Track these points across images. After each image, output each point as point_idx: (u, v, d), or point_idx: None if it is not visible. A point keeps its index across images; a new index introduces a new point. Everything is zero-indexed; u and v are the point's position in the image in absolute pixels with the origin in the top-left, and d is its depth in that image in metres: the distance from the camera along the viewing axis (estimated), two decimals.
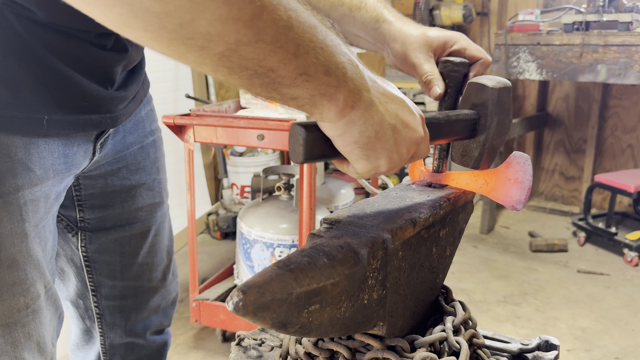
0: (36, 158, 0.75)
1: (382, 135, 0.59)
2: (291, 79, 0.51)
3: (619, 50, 2.78)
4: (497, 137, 0.77)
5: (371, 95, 0.58)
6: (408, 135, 0.62)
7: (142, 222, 1.05)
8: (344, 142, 0.59)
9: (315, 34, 0.52)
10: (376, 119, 0.58)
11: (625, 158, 3.75)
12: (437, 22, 3.83)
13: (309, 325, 0.58)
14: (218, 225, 3.36)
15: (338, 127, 0.57)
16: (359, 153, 0.59)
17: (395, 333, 0.70)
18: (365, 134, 0.58)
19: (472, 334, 0.75)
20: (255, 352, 0.85)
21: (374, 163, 0.61)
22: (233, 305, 0.52)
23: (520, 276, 2.95)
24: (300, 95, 0.53)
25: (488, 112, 0.76)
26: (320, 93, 0.54)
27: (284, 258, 0.60)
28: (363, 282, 0.62)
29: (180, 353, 2.25)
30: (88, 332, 1.11)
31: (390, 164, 0.62)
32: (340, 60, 0.54)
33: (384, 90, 0.61)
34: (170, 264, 1.16)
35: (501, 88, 0.76)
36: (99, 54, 0.77)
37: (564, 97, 3.91)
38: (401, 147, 0.61)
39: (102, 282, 1.06)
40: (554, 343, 0.83)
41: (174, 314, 1.21)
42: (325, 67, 0.53)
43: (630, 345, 2.31)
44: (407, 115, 0.62)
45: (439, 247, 0.78)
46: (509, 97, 0.77)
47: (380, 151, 0.60)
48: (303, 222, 1.89)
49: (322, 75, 0.53)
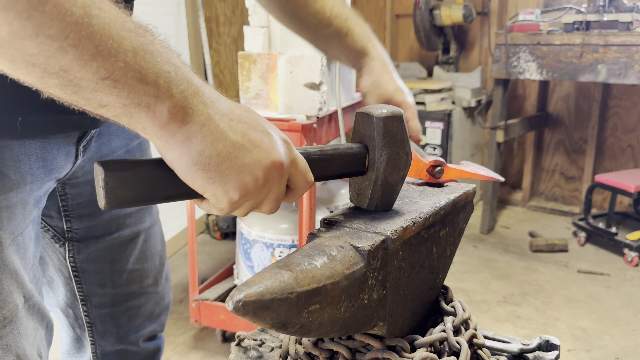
0: (10, 162, 0.71)
1: (227, 154, 0.53)
2: (92, 83, 0.46)
3: (619, 50, 2.78)
4: (391, 173, 0.69)
5: (209, 110, 0.52)
6: (261, 157, 0.55)
7: (130, 228, 1.03)
8: (183, 167, 0.52)
9: (127, 37, 0.47)
10: (217, 135, 0.52)
11: (626, 158, 3.75)
12: (437, 21, 3.83)
13: (309, 325, 0.58)
14: (218, 225, 3.36)
15: (172, 146, 0.51)
16: (202, 177, 0.52)
17: (395, 333, 0.70)
18: (206, 153, 0.51)
19: (472, 334, 0.75)
20: (255, 352, 0.85)
21: (222, 188, 0.53)
22: (233, 305, 0.52)
23: (520, 276, 2.95)
24: (110, 103, 0.48)
25: (375, 145, 0.68)
26: (135, 103, 0.48)
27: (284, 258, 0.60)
28: (363, 282, 0.62)
29: (180, 353, 2.25)
30: (79, 340, 1.09)
31: (243, 189, 0.54)
32: (164, 69, 0.49)
33: (229, 110, 0.54)
34: (163, 269, 1.14)
35: (387, 117, 0.67)
36: None
37: (564, 97, 3.91)
38: (254, 169, 0.54)
39: (92, 291, 1.03)
40: (555, 343, 0.82)
41: (167, 320, 1.19)
42: (139, 74, 0.47)
43: (630, 345, 2.31)
44: (260, 135, 0.56)
45: (439, 247, 0.77)
46: (400, 126, 0.68)
47: (228, 173, 0.53)
48: (303, 222, 1.89)
49: (136, 82, 0.47)
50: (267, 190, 0.57)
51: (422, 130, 0.89)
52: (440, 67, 4.02)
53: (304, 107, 1.89)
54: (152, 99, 0.48)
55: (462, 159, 3.77)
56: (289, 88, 1.89)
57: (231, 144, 0.53)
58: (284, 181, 0.58)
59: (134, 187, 0.52)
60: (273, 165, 0.56)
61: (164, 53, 0.50)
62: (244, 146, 0.54)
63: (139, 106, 0.48)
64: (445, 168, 0.83)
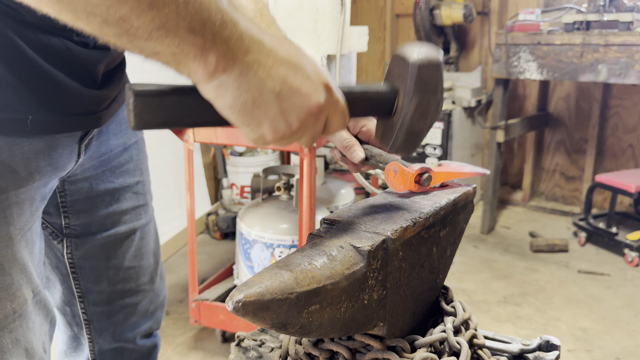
0: (20, 159, 0.74)
1: (262, 102, 0.55)
2: (147, 32, 0.48)
3: (619, 50, 2.78)
4: (417, 121, 0.67)
5: (250, 59, 0.54)
6: (297, 103, 0.56)
7: (127, 225, 1.04)
8: (220, 106, 0.55)
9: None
10: (253, 84, 0.54)
11: (626, 158, 3.74)
12: (437, 21, 3.83)
13: (309, 325, 0.58)
14: (218, 225, 3.36)
15: (209, 90, 0.54)
16: (237, 119, 0.56)
17: (395, 333, 0.70)
18: (240, 100, 0.54)
19: (473, 335, 0.75)
20: (255, 352, 0.85)
21: (256, 131, 0.57)
22: (233, 306, 0.51)
23: (520, 276, 2.95)
24: (161, 51, 0.50)
25: (406, 90, 0.65)
26: (184, 52, 0.51)
27: (283, 258, 0.60)
28: (363, 283, 0.62)
29: (179, 354, 2.25)
30: (76, 338, 1.10)
31: (275, 133, 0.57)
32: (211, 19, 0.50)
33: (275, 53, 0.55)
34: (158, 266, 1.15)
35: (424, 64, 0.64)
36: (81, 52, 0.76)
37: (565, 97, 3.91)
38: (289, 116, 0.56)
39: (89, 288, 1.04)
40: (555, 343, 0.82)
41: (162, 317, 1.20)
42: (189, 25, 0.49)
43: (630, 345, 2.31)
44: (300, 80, 0.56)
45: (440, 247, 0.77)
46: (435, 74, 0.65)
47: (261, 119, 0.56)
48: (303, 222, 1.89)
49: (185, 32, 0.49)
50: (302, 133, 0.59)
51: None
52: None
53: None
54: (198, 49, 0.50)
55: (462, 159, 3.77)
56: None
57: (267, 92, 0.54)
58: (320, 123, 0.59)
59: (161, 113, 0.55)
60: (309, 111, 0.57)
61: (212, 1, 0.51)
62: (280, 93, 0.55)
63: (187, 56, 0.51)
64: (432, 174, 0.82)
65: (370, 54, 4.46)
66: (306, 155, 1.81)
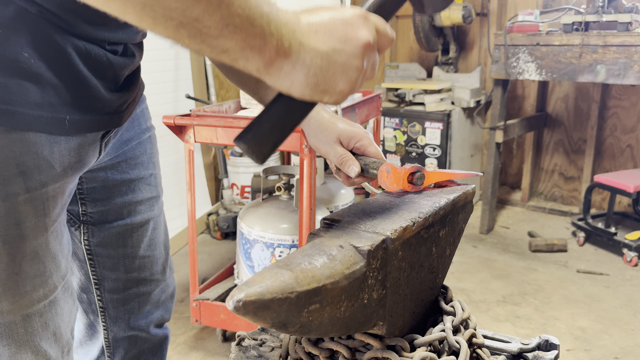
0: (58, 156, 0.80)
1: (327, 63, 0.59)
2: (218, 30, 0.52)
3: (618, 51, 2.78)
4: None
5: (298, 36, 0.57)
6: (351, 49, 0.60)
7: (141, 215, 1.09)
8: (299, 90, 0.59)
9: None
10: (312, 54, 0.58)
11: (625, 158, 3.75)
12: (436, 22, 3.83)
13: (309, 324, 0.58)
14: (218, 225, 3.36)
15: (283, 79, 0.58)
16: (317, 91, 0.60)
17: (395, 333, 0.70)
18: (311, 72, 0.58)
19: (472, 334, 0.75)
20: (255, 352, 0.85)
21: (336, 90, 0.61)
22: (233, 305, 0.52)
23: (519, 276, 2.95)
24: (231, 47, 0.54)
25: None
26: (250, 45, 0.54)
27: (284, 258, 0.60)
28: (363, 282, 0.63)
29: (180, 353, 2.25)
30: (92, 326, 1.14)
31: (351, 82, 0.61)
32: (264, 11, 0.54)
33: (309, 25, 0.60)
34: (168, 258, 1.20)
35: None
36: (112, 59, 0.83)
37: (564, 98, 3.91)
38: (353, 62, 0.61)
39: (105, 275, 1.08)
40: (554, 343, 0.83)
41: (173, 308, 1.24)
42: (251, 18, 0.53)
43: (629, 345, 2.32)
44: (341, 28, 0.60)
45: (439, 247, 0.78)
46: None
47: (335, 78, 0.60)
48: (303, 222, 1.89)
49: (249, 26, 0.53)
50: (368, 67, 0.63)
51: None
52: (440, 68, 4.02)
53: None
54: (261, 40, 0.54)
55: (461, 159, 3.78)
56: None
57: (325, 54, 0.59)
58: (375, 50, 0.64)
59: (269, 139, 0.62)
60: (365, 49, 0.61)
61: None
62: (335, 48, 0.59)
63: (253, 48, 0.54)
64: (425, 173, 0.82)
65: None
66: (306, 155, 1.82)
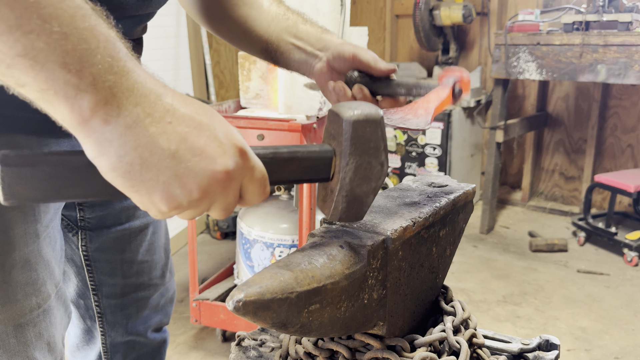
0: None
1: (153, 163, 0.47)
2: (9, 57, 0.42)
3: (618, 50, 2.78)
4: (358, 184, 0.59)
5: (140, 111, 0.47)
6: (200, 167, 0.49)
7: (140, 219, 1.07)
8: (103, 168, 0.47)
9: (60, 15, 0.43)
10: (142, 141, 0.47)
11: (625, 158, 3.75)
12: (437, 21, 3.83)
13: (309, 325, 0.58)
14: (218, 225, 3.36)
15: (91, 145, 0.47)
16: (123, 184, 0.48)
17: (395, 333, 0.70)
18: (126, 160, 0.47)
19: (472, 334, 0.75)
20: (255, 352, 0.85)
21: (146, 199, 0.49)
22: (233, 305, 0.52)
23: (520, 276, 2.95)
24: (28, 84, 0.44)
25: (342, 150, 0.58)
26: (54, 90, 0.44)
27: (284, 258, 0.60)
28: (363, 282, 0.62)
29: (180, 353, 2.25)
30: (89, 332, 1.12)
31: (170, 202, 0.49)
32: (94, 60, 0.44)
33: (176, 109, 0.49)
34: (168, 261, 1.18)
35: (359, 120, 0.57)
36: None
37: (564, 97, 3.91)
38: (187, 181, 0.48)
39: (103, 281, 1.07)
40: (555, 343, 0.82)
41: (172, 312, 1.23)
42: (62, 59, 0.43)
43: (630, 345, 2.32)
44: (205, 140, 0.49)
45: (439, 247, 0.78)
46: (375, 132, 0.58)
47: (151, 184, 0.48)
48: (303, 222, 1.89)
49: (57, 67, 0.43)
50: (208, 202, 0.51)
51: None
52: (440, 67, 4.02)
53: (303, 107, 1.89)
54: (72, 89, 0.44)
55: (461, 159, 3.77)
56: (289, 88, 1.89)
57: (160, 152, 0.47)
58: (231, 191, 0.52)
59: (37, 184, 0.47)
60: (214, 176, 0.49)
61: (105, 40, 0.45)
62: (176, 154, 0.48)
63: (57, 94, 0.44)
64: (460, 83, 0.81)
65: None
66: None
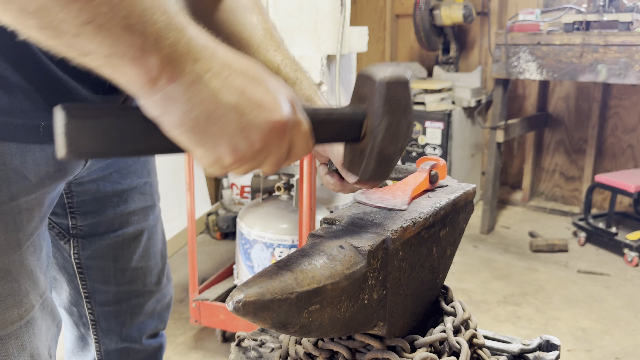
0: (32, 165, 0.73)
1: (218, 117, 0.48)
2: (74, 27, 0.41)
3: (619, 50, 2.78)
4: (388, 144, 0.61)
5: (200, 67, 0.47)
6: (260, 118, 0.49)
7: (134, 226, 1.04)
8: (168, 126, 0.48)
9: None
10: (206, 95, 0.47)
11: (626, 158, 3.75)
12: (437, 21, 3.83)
13: (309, 325, 0.58)
14: (218, 225, 3.36)
15: (154, 104, 0.47)
16: (189, 139, 0.48)
17: (395, 333, 0.70)
18: (192, 115, 0.47)
19: (473, 334, 0.75)
20: (255, 352, 0.85)
21: (212, 153, 0.49)
22: (233, 305, 0.51)
23: (520, 276, 2.95)
24: (93, 51, 0.43)
25: (375, 111, 0.60)
26: (119, 53, 0.43)
27: (284, 258, 0.60)
28: (363, 282, 0.62)
29: (179, 353, 2.25)
30: (83, 338, 1.10)
31: (235, 154, 0.50)
32: (154, 18, 0.44)
33: (231, 63, 0.49)
34: (165, 267, 1.15)
35: (392, 82, 0.59)
36: None
37: (565, 97, 3.91)
38: (250, 133, 0.49)
39: (96, 288, 1.04)
40: (555, 343, 0.82)
41: (169, 317, 1.21)
42: (125, 21, 0.42)
43: (630, 345, 2.31)
44: (262, 93, 0.50)
45: (439, 247, 0.77)
46: (405, 93, 0.60)
47: (217, 138, 0.48)
48: (303, 222, 1.89)
49: (121, 30, 0.42)
50: (265, 154, 0.52)
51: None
52: (440, 67, 4.02)
53: None
54: (137, 51, 0.44)
55: (462, 159, 3.77)
56: None
57: (223, 105, 0.48)
58: (285, 145, 0.53)
59: (100, 138, 0.46)
60: (273, 127, 0.50)
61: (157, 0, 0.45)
62: (239, 107, 0.49)
63: (123, 58, 0.44)
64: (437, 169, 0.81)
65: (370, 54, 4.45)
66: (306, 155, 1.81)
